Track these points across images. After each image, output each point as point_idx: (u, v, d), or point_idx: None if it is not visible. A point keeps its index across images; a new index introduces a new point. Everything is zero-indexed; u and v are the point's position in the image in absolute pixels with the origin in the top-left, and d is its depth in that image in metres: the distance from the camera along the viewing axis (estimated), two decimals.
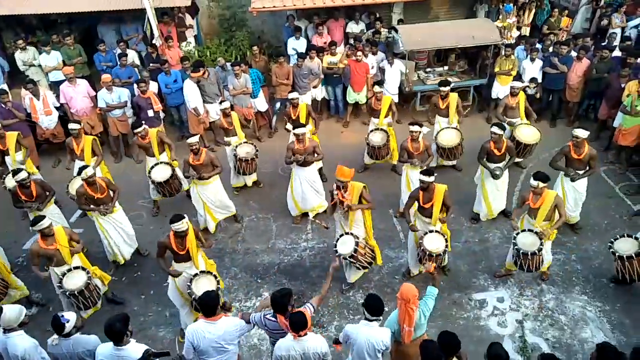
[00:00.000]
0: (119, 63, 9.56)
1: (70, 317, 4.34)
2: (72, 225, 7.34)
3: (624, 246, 5.91)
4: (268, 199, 8.26)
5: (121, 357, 4.14)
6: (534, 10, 11.08)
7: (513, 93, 8.12)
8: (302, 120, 7.94)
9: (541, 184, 5.82)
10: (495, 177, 6.99)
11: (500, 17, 10.35)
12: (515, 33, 10.41)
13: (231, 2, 12.01)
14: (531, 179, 5.90)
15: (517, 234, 5.95)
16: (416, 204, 6.16)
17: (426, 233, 5.99)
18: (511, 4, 10.31)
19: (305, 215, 7.54)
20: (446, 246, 5.92)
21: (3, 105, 8.36)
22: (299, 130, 7.02)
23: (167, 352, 4.35)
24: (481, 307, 6.20)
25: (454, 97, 8.24)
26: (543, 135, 7.90)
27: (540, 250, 5.74)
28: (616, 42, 9.82)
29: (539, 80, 9.36)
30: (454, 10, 11.27)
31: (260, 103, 9.65)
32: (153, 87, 9.02)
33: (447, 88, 8.13)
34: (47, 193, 6.76)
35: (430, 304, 4.61)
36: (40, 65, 9.86)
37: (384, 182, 8.41)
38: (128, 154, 9.53)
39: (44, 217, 5.68)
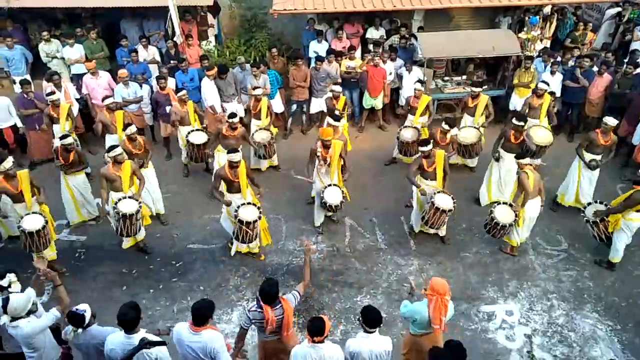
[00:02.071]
0: (130, 59, 9.67)
1: (85, 307, 4.35)
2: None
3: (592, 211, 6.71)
4: (280, 200, 8.27)
5: (132, 345, 4.14)
6: (555, 23, 10.98)
7: (538, 94, 8.21)
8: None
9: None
10: (496, 159, 7.55)
11: (525, 29, 10.26)
12: (539, 46, 10.32)
13: (252, 3, 12.10)
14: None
15: (497, 204, 6.74)
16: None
17: (437, 192, 6.76)
18: (537, 16, 10.22)
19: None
20: (454, 204, 6.69)
21: (25, 96, 8.51)
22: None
23: (163, 342, 4.31)
24: (489, 320, 6.14)
25: (484, 99, 8.41)
26: (560, 150, 7.84)
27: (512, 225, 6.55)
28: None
29: (558, 95, 9.26)
30: (476, 20, 11.18)
31: (277, 104, 9.68)
32: (171, 83, 9.11)
33: (479, 89, 8.35)
34: (82, 165, 7.40)
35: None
36: (63, 58, 10.03)
37: (397, 188, 8.37)
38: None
39: (117, 145, 6.72)
